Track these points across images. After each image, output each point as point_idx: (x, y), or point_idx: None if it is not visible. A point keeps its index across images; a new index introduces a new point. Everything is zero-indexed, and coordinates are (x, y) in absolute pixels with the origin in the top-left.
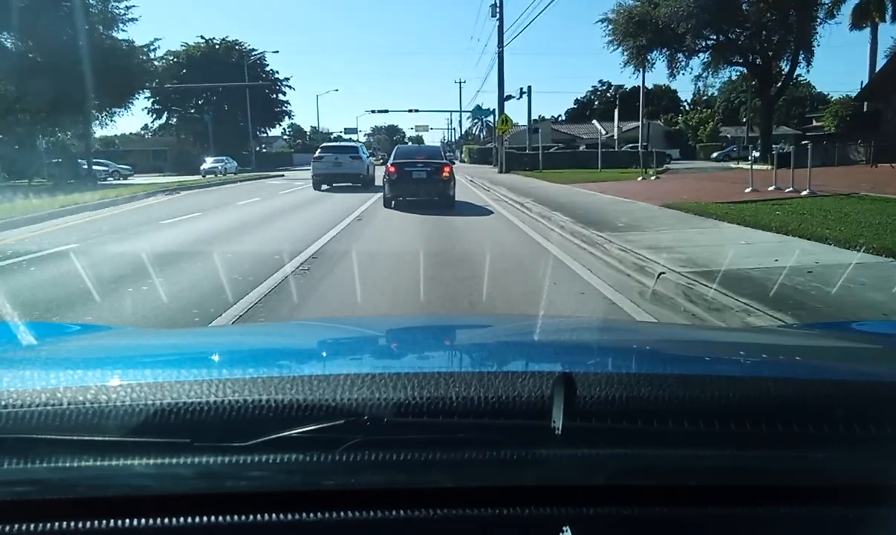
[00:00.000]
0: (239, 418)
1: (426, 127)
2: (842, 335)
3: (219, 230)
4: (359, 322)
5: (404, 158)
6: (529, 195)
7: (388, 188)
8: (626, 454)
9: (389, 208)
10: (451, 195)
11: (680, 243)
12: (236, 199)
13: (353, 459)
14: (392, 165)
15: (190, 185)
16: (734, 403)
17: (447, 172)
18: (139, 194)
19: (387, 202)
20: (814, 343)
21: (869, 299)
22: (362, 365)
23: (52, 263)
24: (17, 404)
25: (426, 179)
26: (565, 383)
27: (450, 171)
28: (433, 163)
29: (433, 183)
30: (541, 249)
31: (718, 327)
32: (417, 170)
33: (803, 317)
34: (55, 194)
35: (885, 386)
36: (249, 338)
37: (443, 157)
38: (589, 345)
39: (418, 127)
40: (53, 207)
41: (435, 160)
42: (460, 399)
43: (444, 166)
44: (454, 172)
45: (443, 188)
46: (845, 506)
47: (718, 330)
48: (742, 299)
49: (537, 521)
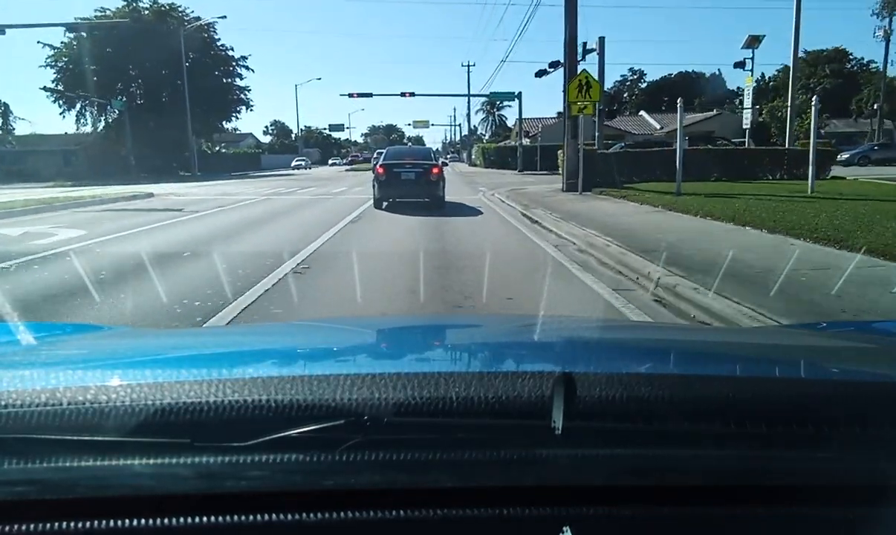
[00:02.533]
0: (239, 418)
1: (426, 123)
2: (842, 335)
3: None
4: (359, 322)
5: (394, 159)
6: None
7: (378, 189)
8: (626, 454)
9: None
10: (441, 196)
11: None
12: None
13: (353, 459)
14: (381, 166)
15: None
16: (734, 403)
17: (436, 173)
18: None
19: (377, 203)
20: (814, 343)
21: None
22: (362, 365)
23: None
24: (17, 404)
25: (415, 180)
26: (565, 383)
27: (439, 171)
28: (422, 164)
29: (422, 185)
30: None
31: (718, 328)
32: (406, 171)
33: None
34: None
35: (885, 386)
36: (249, 338)
37: (433, 158)
38: (589, 345)
39: (416, 123)
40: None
41: (425, 161)
42: (460, 399)
43: (433, 167)
44: (444, 174)
45: (432, 189)
46: (845, 506)
47: (718, 330)
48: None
49: (537, 521)
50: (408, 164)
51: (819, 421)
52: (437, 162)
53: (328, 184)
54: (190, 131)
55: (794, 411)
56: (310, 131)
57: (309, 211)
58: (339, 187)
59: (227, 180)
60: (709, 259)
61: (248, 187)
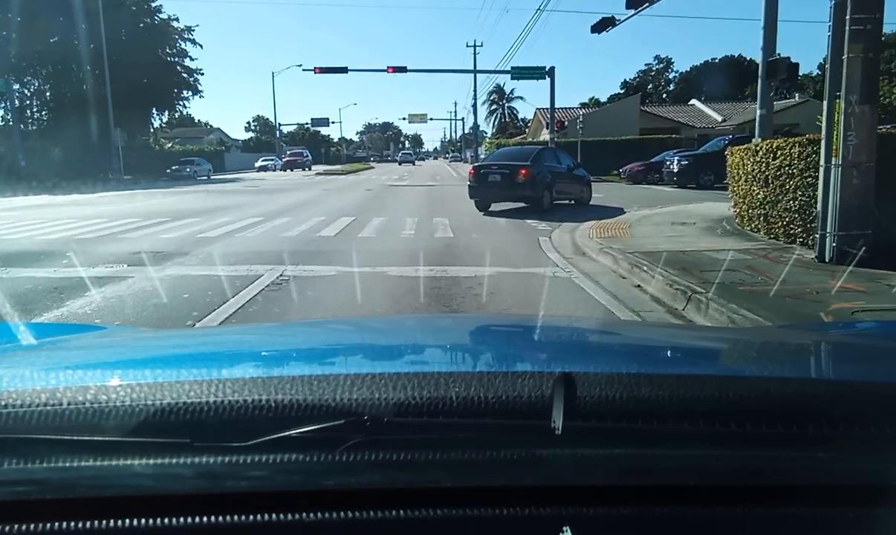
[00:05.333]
0: (239, 418)
1: (424, 118)
2: (842, 335)
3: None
4: (359, 322)
5: (492, 160)
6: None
7: (469, 191)
8: (626, 454)
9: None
10: (539, 198)
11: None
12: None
13: (353, 459)
14: (472, 169)
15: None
16: (734, 403)
17: (523, 175)
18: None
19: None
20: (813, 343)
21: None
22: (362, 365)
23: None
24: (17, 404)
25: (500, 181)
26: (565, 383)
27: (527, 173)
28: (510, 165)
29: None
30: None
31: (718, 328)
32: (493, 173)
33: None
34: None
35: (885, 386)
36: (249, 338)
37: (528, 160)
38: (589, 345)
39: (412, 117)
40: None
41: (514, 163)
42: (460, 399)
43: (521, 169)
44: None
45: (521, 192)
46: (845, 506)
47: (718, 330)
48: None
49: (537, 521)
50: (494, 166)
51: (819, 421)
52: (527, 163)
53: (286, 202)
54: (112, 123)
55: (793, 410)
56: (301, 128)
57: None
58: (308, 219)
59: (124, 191)
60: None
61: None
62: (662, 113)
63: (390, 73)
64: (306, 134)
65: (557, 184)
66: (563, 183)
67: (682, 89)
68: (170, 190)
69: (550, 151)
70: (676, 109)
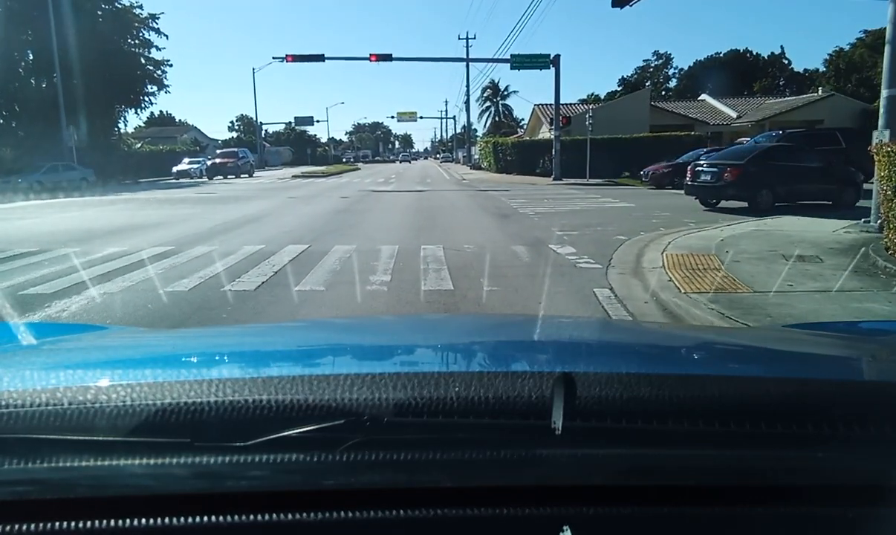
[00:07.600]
0: (239, 418)
1: (413, 116)
2: (842, 335)
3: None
4: (359, 322)
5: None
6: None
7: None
8: (625, 454)
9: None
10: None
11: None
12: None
13: (353, 459)
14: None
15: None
16: (734, 403)
17: (730, 174)
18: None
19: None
20: (813, 343)
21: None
22: (362, 365)
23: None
24: (17, 404)
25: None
26: (565, 383)
27: (738, 172)
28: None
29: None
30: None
31: (718, 328)
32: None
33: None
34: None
35: (885, 386)
36: (249, 338)
37: (740, 158)
38: (589, 345)
39: (401, 115)
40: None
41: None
42: (460, 399)
43: (730, 168)
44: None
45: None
46: (845, 506)
47: (718, 330)
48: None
49: (537, 521)
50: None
51: (819, 421)
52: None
53: (229, 216)
54: (63, 121)
55: (793, 410)
56: (288, 128)
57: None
58: (237, 249)
59: (53, 200)
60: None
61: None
62: (673, 109)
63: (373, 61)
64: (292, 134)
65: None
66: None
67: (685, 85)
68: (107, 198)
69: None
70: (687, 105)
